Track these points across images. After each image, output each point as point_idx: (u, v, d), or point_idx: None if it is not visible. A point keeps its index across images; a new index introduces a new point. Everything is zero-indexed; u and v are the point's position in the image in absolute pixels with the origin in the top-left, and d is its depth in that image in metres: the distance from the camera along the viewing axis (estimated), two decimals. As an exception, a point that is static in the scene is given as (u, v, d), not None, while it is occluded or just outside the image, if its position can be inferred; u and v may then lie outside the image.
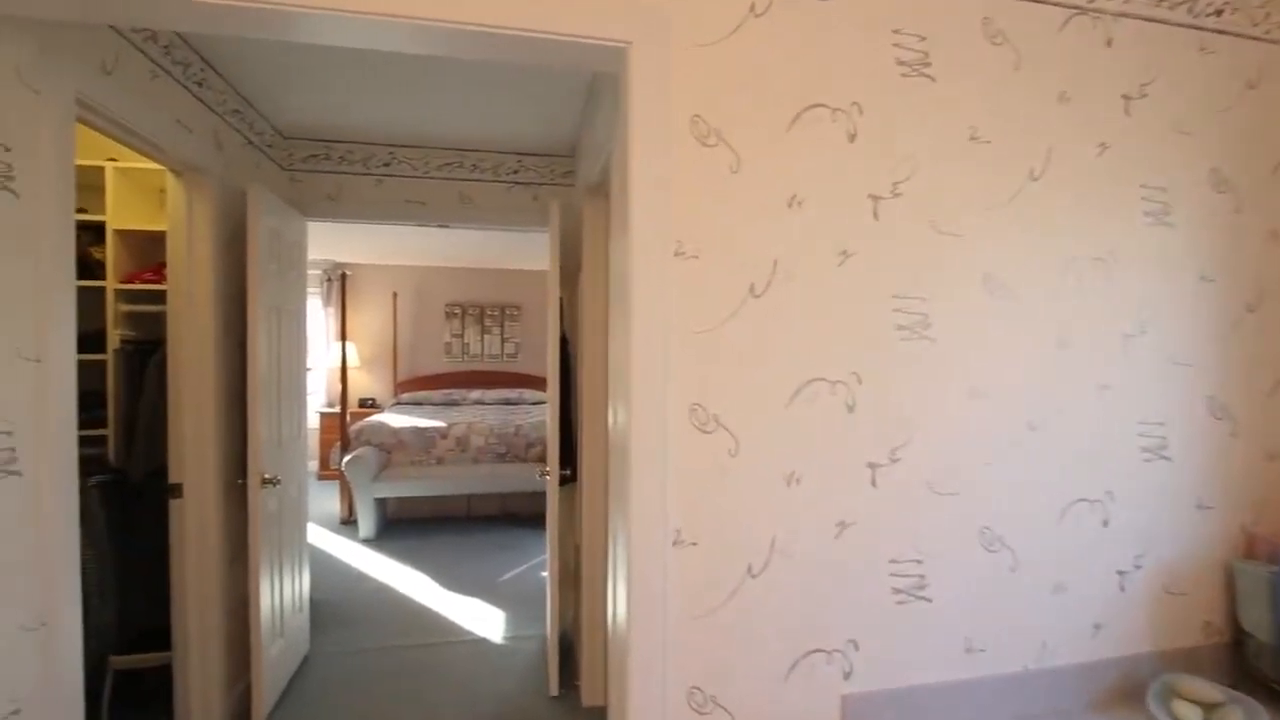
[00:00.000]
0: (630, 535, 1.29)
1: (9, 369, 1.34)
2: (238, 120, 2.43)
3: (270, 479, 2.36)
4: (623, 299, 1.37)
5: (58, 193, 1.46)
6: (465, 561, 4.21)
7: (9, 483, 1.34)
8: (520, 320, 7.37)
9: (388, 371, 7.06)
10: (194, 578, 2.23)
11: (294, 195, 2.92)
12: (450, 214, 3.04)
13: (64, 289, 1.49)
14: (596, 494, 2.47)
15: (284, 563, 2.60)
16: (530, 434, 5.22)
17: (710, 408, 1.33)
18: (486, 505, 5.33)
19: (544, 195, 3.13)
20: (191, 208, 2.18)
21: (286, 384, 2.63)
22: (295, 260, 2.76)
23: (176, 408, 2.20)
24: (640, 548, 1.29)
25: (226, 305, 2.34)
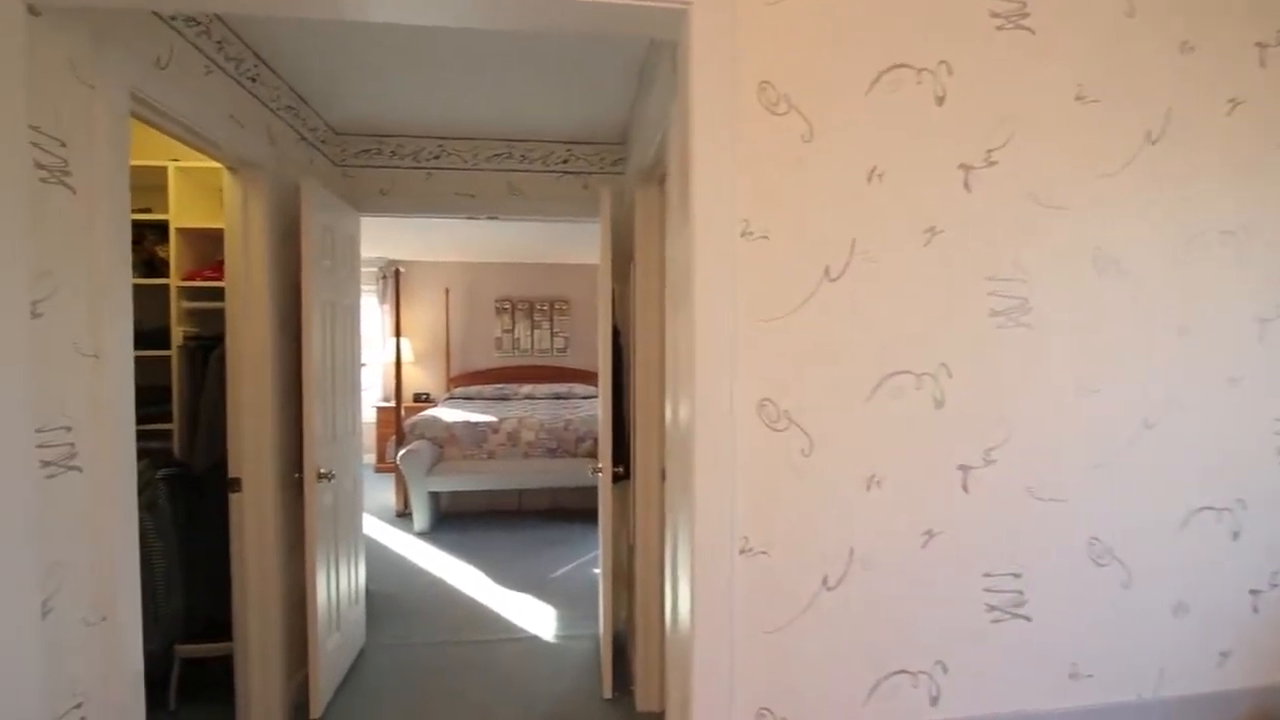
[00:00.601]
0: (694, 541, 1.18)
1: (67, 364, 1.34)
2: (291, 116, 2.44)
3: (326, 474, 2.36)
4: (685, 286, 1.26)
5: (114, 188, 1.46)
6: (517, 557, 4.20)
7: (69, 478, 1.34)
8: (569, 315, 7.35)
9: (441, 366, 7.16)
10: (253, 571, 2.25)
11: (347, 190, 2.93)
12: (500, 205, 2.99)
13: (121, 284, 1.49)
14: (651, 492, 2.38)
15: (340, 556, 2.61)
16: (580, 429, 5.18)
17: (781, 403, 1.21)
18: (537, 500, 5.33)
19: (594, 184, 3.05)
20: (246, 204, 2.19)
21: (341, 379, 2.64)
22: (349, 255, 2.76)
23: (235, 403, 2.22)
24: (705, 555, 1.18)
25: (282, 301, 2.35)
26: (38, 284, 1.26)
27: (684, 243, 1.29)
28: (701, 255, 1.18)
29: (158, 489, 2.45)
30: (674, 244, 1.54)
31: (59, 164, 1.32)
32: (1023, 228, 1.30)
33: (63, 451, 1.32)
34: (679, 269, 1.36)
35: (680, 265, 1.34)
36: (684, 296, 1.28)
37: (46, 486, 1.28)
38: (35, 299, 1.26)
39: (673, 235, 1.57)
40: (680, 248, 1.34)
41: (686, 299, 1.24)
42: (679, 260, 1.36)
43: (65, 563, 1.33)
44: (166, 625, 2.41)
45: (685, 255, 1.26)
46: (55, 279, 1.31)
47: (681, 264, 1.33)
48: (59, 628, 1.31)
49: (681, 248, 1.33)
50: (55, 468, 1.30)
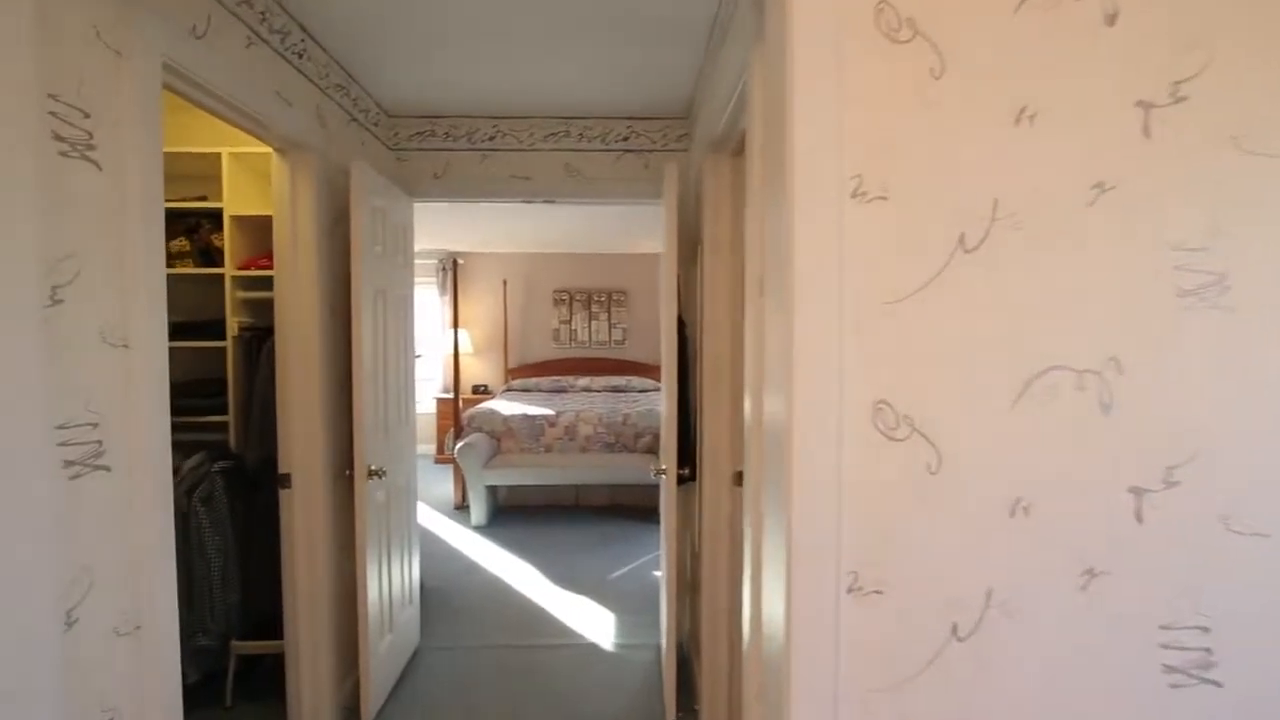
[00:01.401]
0: (790, 577, 0.96)
1: (93, 355, 1.23)
2: (341, 96, 2.33)
3: (376, 470, 2.26)
4: (779, 262, 1.03)
5: (144, 165, 1.34)
6: (574, 555, 4.06)
7: (96, 478, 1.24)
8: (627, 306, 7.17)
9: (499, 358, 7.13)
10: (303, 570, 2.17)
11: (400, 175, 2.82)
12: (556, 187, 2.82)
13: (154, 269, 1.38)
14: (719, 497, 2.16)
15: (392, 555, 2.51)
16: (639, 423, 4.99)
17: (901, 406, 0.97)
18: (595, 496, 5.19)
19: (656, 162, 2.83)
20: (295, 187, 2.08)
21: (393, 371, 2.53)
22: (401, 242, 2.65)
23: (284, 396, 2.13)
24: (803, 593, 0.95)
25: (332, 290, 2.25)
26: (58, 267, 1.15)
27: (777, 210, 1.05)
28: (802, 222, 0.94)
29: (214, 482, 2.41)
30: (760, 216, 1.31)
31: (82, 137, 1.21)
32: (1221, 182, 1.00)
33: (88, 450, 1.22)
34: (771, 242, 1.13)
35: (772, 238, 1.11)
36: (777, 276, 1.05)
37: (69, 488, 1.18)
38: (55, 283, 1.15)
39: (755, 208, 1.34)
40: (772, 217, 1.11)
41: (781, 278, 1.01)
42: (770, 232, 1.13)
43: (93, 569, 1.23)
44: (223, 620, 2.38)
45: (778, 225, 1.03)
46: (78, 262, 1.20)
47: (773, 236, 1.10)
48: (85, 640, 1.21)
49: (773, 217, 1.10)
50: (80, 467, 1.20)
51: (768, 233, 1.16)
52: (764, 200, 1.21)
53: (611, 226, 5.54)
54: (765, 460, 1.18)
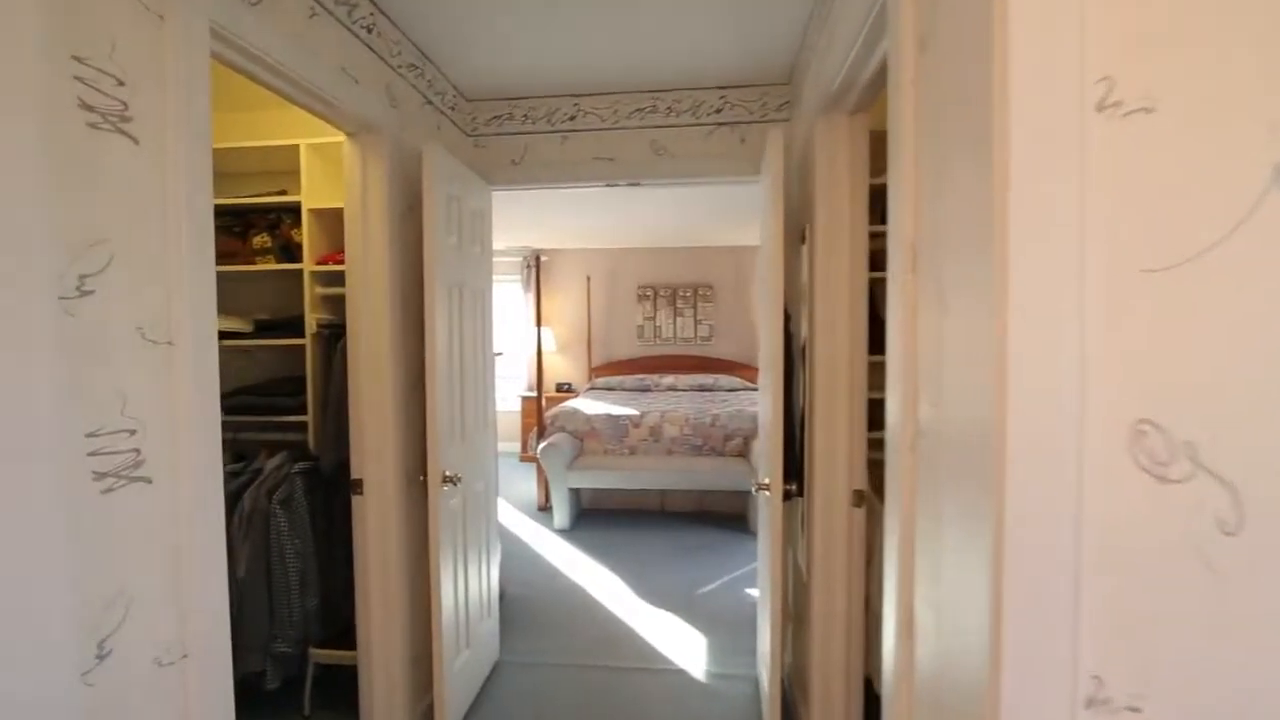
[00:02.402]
0: (996, 678, 0.64)
1: (130, 354, 1.10)
2: (415, 76, 2.18)
3: (451, 477, 2.09)
4: (972, 212, 0.72)
5: (189, 140, 1.20)
6: (660, 565, 3.81)
7: (135, 491, 1.10)
8: (713, 301, 6.85)
9: (582, 355, 7.02)
10: (376, 581, 2.04)
11: (478, 162, 2.67)
12: (642, 168, 2.57)
13: (201, 257, 1.24)
14: (833, 518, 1.84)
15: (469, 566, 2.36)
16: (729, 425, 4.68)
17: (1177, 429, 0.63)
18: (681, 501, 4.92)
19: (754, 135, 2.52)
20: (365, 172, 1.95)
21: (470, 370, 2.37)
22: (479, 233, 2.49)
23: (356, 396, 2.00)
24: (1015, 704, 0.64)
25: (404, 284, 2.11)
26: (86, 254, 1.02)
27: (966, 138, 0.74)
28: (1022, 147, 0.63)
29: (294, 484, 2.34)
30: (910, 162, 0.99)
31: (115, 107, 1.07)
32: None
33: (124, 460, 1.08)
34: (952, 189, 0.81)
35: (954, 183, 0.80)
36: (967, 236, 0.73)
37: (102, 503, 1.04)
38: (82, 271, 1.01)
39: (905, 152, 1.02)
40: (952, 152, 0.80)
41: (977, 239, 0.70)
42: (952, 174, 0.81)
43: (130, 594, 1.09)
44: (301, 626, 2.30)
45: (970, 160, 0.72)
46: (111, 248, 1.06)
47: (955, 180, 0.78)
48: (121, 672, 1.07)
49: (956, 152, 0.78)
50: (114, 479, 1.06)
51: (946, 177, 0.84)
52: (931, 134, 0.89)
53: (697, 217, 5.26)
54: (938, 494, 0.86)
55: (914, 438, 1.02)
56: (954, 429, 0.79)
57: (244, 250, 2.46)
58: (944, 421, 0.84)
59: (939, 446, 0.87)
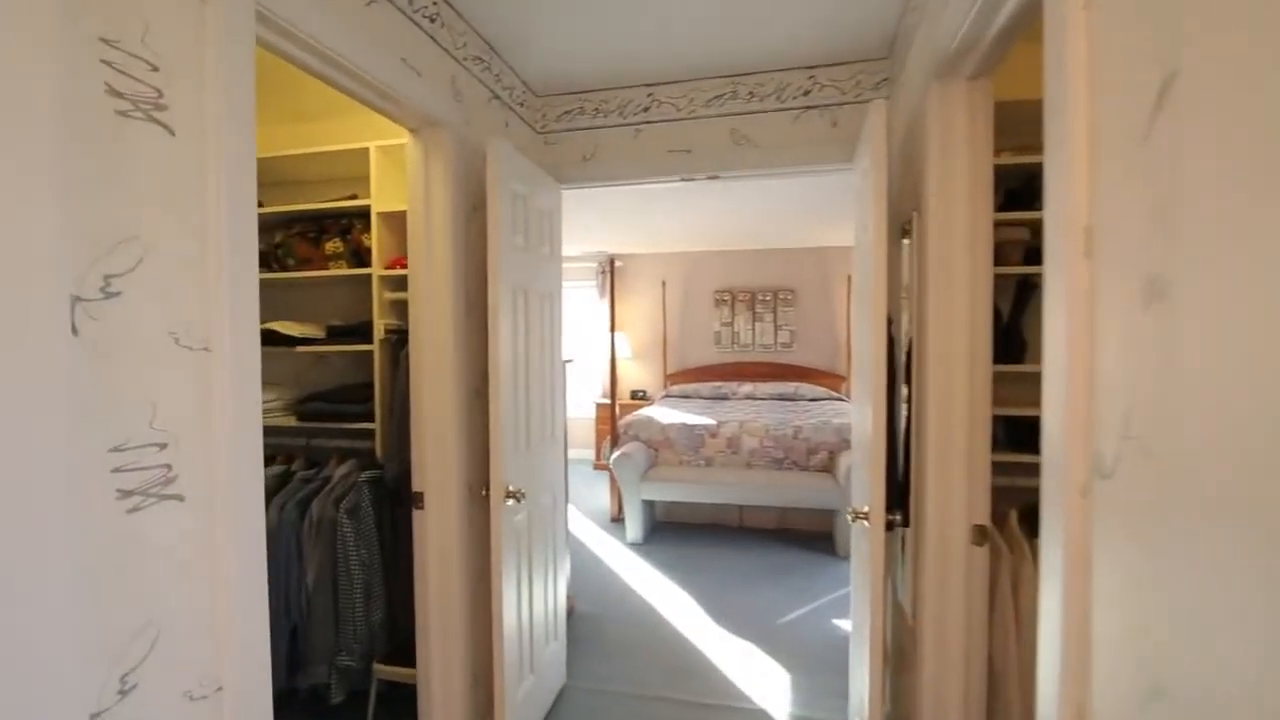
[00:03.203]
0: None
1: (162, 360, 1.01)
2: (481, 70, 2.08)
3: (515, 492, 1.96)
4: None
5: (232, 132, 1.12)
6: (737, 587, 3.56)
7: (165, 510, 1.01)
8: (794, 305, 6.51)
9: (657, 362, 6.86)
10: (435, 601, 1.94)
11: (547, 160, 2.55)
12: (721, 160, 2.36)
13: (243, 256, 1.15)
14: (949, 554, 1.56)
15: (534, 587, 2.22)
16: (812, 438, 4.36)
17: None
18: (761, 517, 4.64)
19: (847, 119, 2.26)
20: (428, 170, 1.86)
21: (537, 378, 2.25)
22: (548, 234, 2.37)
23: (418, 405, 1.91)
24: None
25: (468, 287, 2.00)
26: (113, 252, 0.93)
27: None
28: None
29: (361, 493, 2.29)
30: (1082, 117, 0.74)
31: (148, 94, 0.99)
32: None
33: (153, 476, 1.00)
34: (1209, 137, 0.56)
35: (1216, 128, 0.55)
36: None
37: (127, 524, 0.95)
38: (108, 271, 0.93)
39: (1079, 100, 0.77)
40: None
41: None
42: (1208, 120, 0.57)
43: (159, 622, 1.00)
44: (366, 640, 2.24)
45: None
46: (141, 246, 0.98)
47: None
48: (146, 708, 0.98)
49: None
50: (142, 498, 0.98)
51: (1187, 121, 0.59)
52: (1129, 70, 0.64)
53: (779, 216, 4.98)
54: (1157, 551, 0.61)
55: (1088, 479, 0.76)
56: (1204, 467, 0.54)
57: (318, 256, 2.46)
58: (1170, 455, 0.59)
59: (1155, 488, 0.62)
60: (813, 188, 3.90)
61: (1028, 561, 1.72)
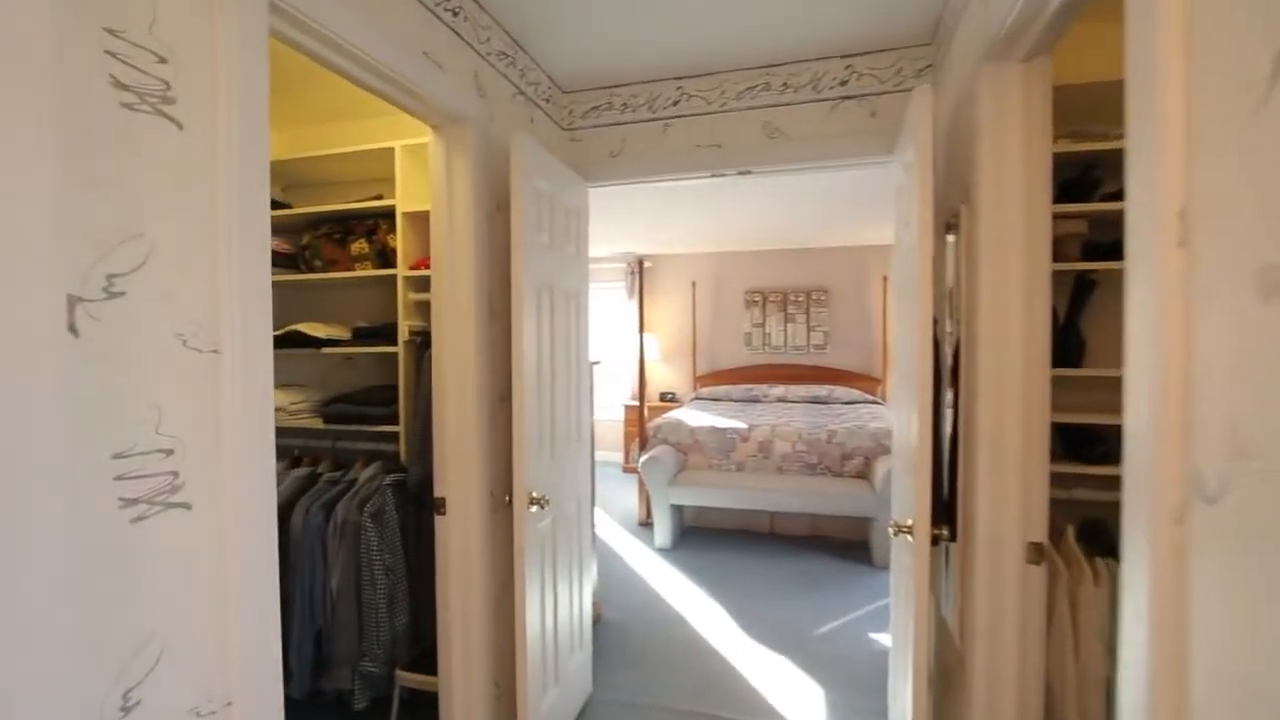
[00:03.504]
0: None
1: (168, 363, 0.97)
2: (506, 65, 2.03)
3: (539, 498, 1.90)
4: None
5: (244, 127, 1.08)
6: (769, 596, 3.45)
7: (171, 519, 0.98)
8: (828, 306, 6.35)
9: (686, 364, 6.77)
10: (457, 608, 1.89)
11: (574, 157, 2.49)
12: (752, 154, 2.27)
13: (254, 256, 1.11)
14: (1002, 574, 1.44)
15: (559, 596, 2.16)
16: (847, 442, 4.22)
17: None
18: (793, 524, 4.51)
19: (887, 109, 2.14)
20: (450, 167, 1.81)
21: (562, 380, 2.19)
22: (573, 232, 2.31)
23: (440, 409, 1.87)
24: None
25: (492, 288, 1.95)
26: (116, 251, 0.90)
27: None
28: None
29: (385, 496, 2.26)
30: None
31: (155, 86, 0.96)
32: None
33: (159, 484, 0.96)
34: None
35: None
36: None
37: (131, 534, 0.91)
38: (112, 271, 0.89)
39: (1148, 86, 0.67)
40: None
41: None
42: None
43: (164, 635, 0.96)
44: (388, 646, 2.21)
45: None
46: (147, 245, 0.94)
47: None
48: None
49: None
50: (147, 506, 0.94)
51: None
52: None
53: (811, 216, 4.84)
54: None
55: (1184, 502, 0.66)
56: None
57: (344, 257, 2.44)
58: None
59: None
60: (848, 184, 3.77)
61: (1087, 581, 1.59)
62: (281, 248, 2.53)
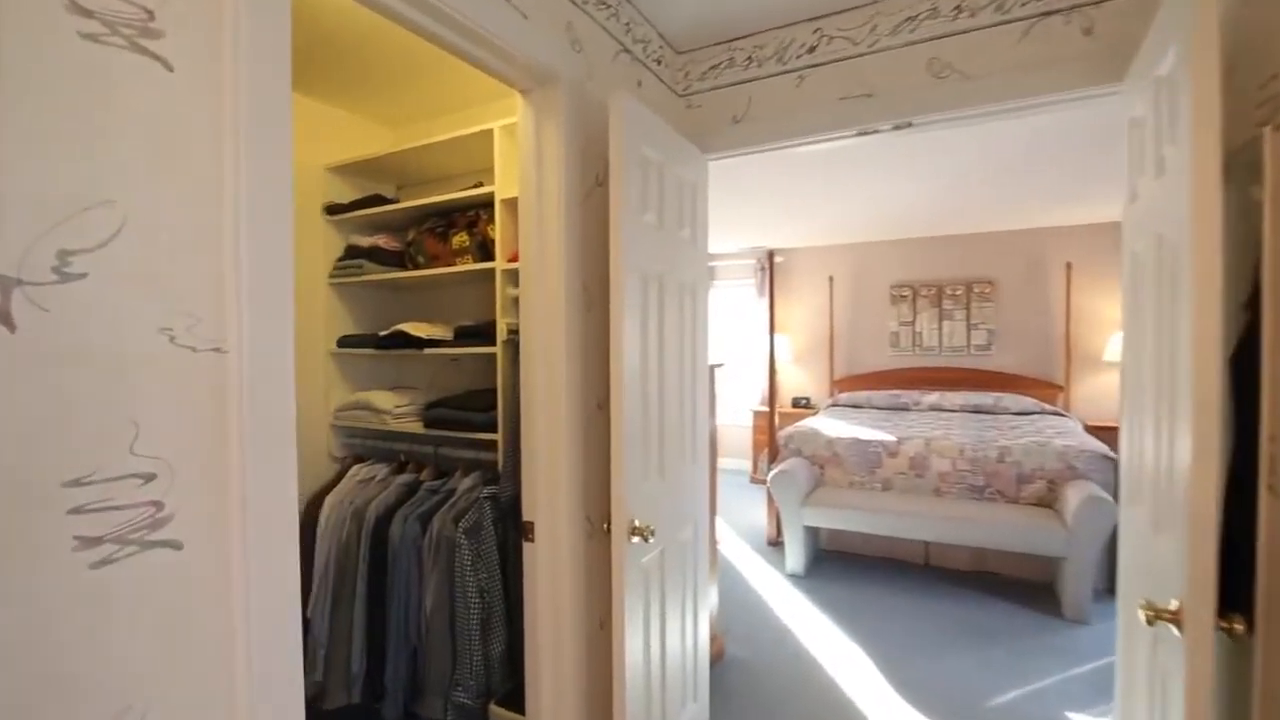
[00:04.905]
0: None
1: (149, 362, 0.77)
2: (606, 17, 1.75)
3: (642, 528, 1.58)
4: None
5: (254, 72, 0.86)
6: (925, 647, 2.88)
7: (152, 561, 0.77)
8: (994, 300, 5.46)
9: (822, 367, 6.17)
10: (547, 649, 1.63)
11: (690, 128, 2.16)
12: (914, 101, 1.79)
13: (271, 228, 0.89)
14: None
15: (667, 640, 1.83)
16: (1024, 462, 3.49)
17: None
18: (954, 556, 3.82)
19: (1108, 23, 1.58)
20: (539, 136, 1.55)
21: (674, 387, 1.86)
22: (689, 212, 1.97)
23: (529, 419, 1.62)
24: None
25: (590, 280, 1.67)
26: (75, 220, 0.70)
27: None
28: None
29: (483, 510, 2.07)
30: None
31: (134, 15, 0.76)
32: None
33: (134, 517, 0.75)
34: None
35: None
36: None
37: (90, 581, 0.72)
38: (65, 246, 0.70)
39: None
40: None
41: None
42: None
43: (143, 710, 0.76)
44: (482, 676, 2.01)
45: None
46: (119, 213, 0.74)
47: None
48: (121, 829, 0.74)
49: None
50: (116, 546, 0.74)
51: None
52: None
53: (975, 193, 4.11)
54: None
55: None
56: None
57: (445, 252, 2.30)
58: None
59: None
60: (1022, 143, 3.08)
61: None
62: (389, 245, 2.45)
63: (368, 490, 2.30)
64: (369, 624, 2.13)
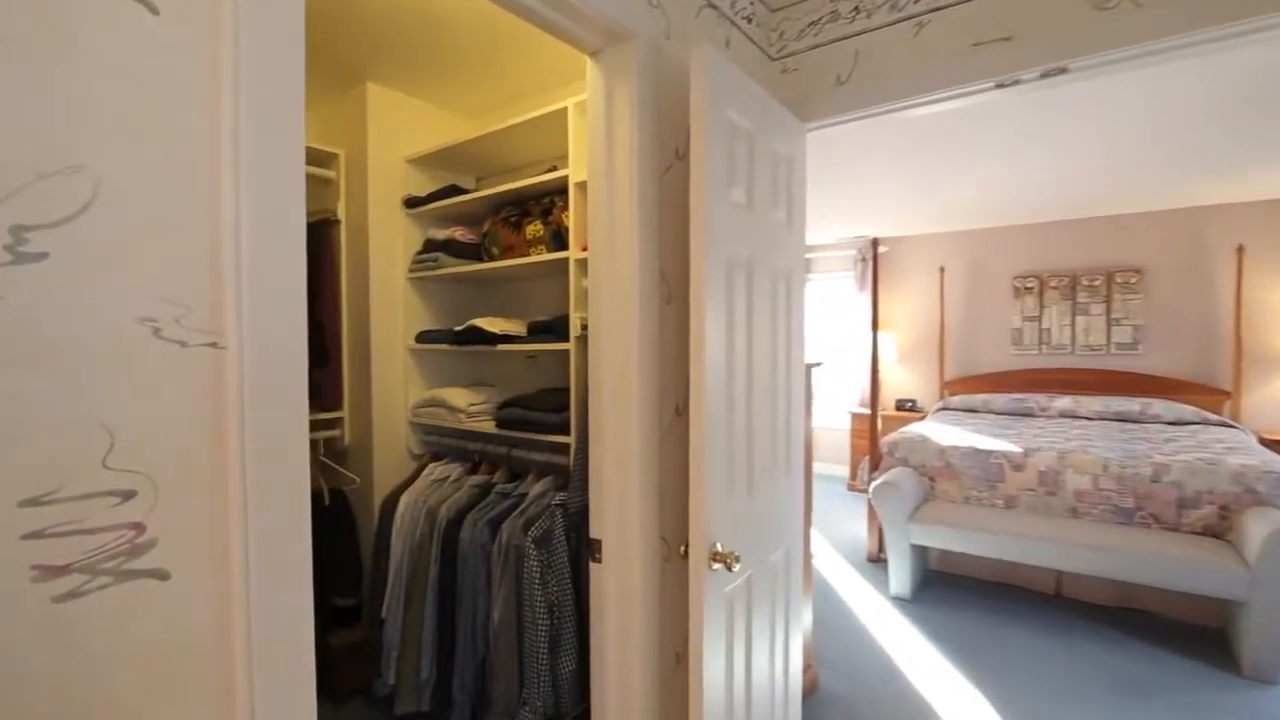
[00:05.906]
0: None
1: (126, 357, 0.65)
2: (690, -33, 1.53)
3: (724, 555, 1.36)
4: None
5: (254, 18, 0.73)
6: (1061, 697, 2.45)
7: (131, 593, 0.65)
8: (1142, 291, 4.73)
9: (931, 367, 5.63)
10: (615, 682, 1.45)
11: (786, 95, 1.90)
12: (1069, 41, 1.44)
13: (278, 199, 0.76)
14: None
15: (753, 676, 1.59)
16: (1187, 482, 2.94)
17: None
18: (1091, 588, 3.30)
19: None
20: (610, 100, 1.37)
21: (765, 389, 1.62)
22: (784, 191, 1.72)
23: (597, 425, 1.44)
24: None
25: (665, 266, 1.47)
26: (35, 189, 0.59)
27: None
28: None
29: (554, 518, 1.93)
30: None
31: (109, -58, 0.64)
32: None
33: (106, 542, 0.64)
34: None
35: None
36: None
37: (53, 618, 0.60)
38: (19, 221, 0.58)
39: None
40: None
41: None
42: None
43: (120, 769, 0.65)
44: (551, 696, 1.86)
45: None
46: (90, 181, 0.62)
47: None
48: None
49: None
50: (85, 577, 0.62)
51: None
52: None
53: (1119, 166, 3.53)
54: None
55: None
56: None
57: (519, 242, 2.18)
58: None
59: None
60: (1205, 101, 2.54)
61: None
62: (466, 237, 2.37)
63: (441, 490, 2.22)
64: (439, 630, 2.05)
